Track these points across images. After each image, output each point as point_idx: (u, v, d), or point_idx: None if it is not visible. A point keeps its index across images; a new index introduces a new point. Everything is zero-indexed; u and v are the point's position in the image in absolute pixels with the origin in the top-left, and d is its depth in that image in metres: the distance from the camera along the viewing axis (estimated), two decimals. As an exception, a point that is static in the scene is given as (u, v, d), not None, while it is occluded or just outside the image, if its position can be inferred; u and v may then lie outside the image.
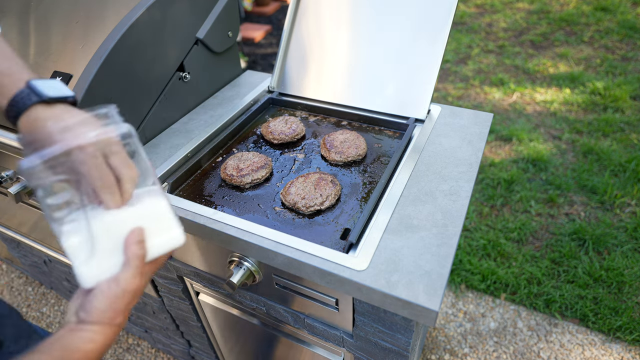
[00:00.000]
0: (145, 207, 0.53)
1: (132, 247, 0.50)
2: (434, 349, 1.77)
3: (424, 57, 1.12)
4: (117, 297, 0.49)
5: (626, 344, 1.71)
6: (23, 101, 0.53)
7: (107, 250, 0.50)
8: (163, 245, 0.54)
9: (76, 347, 0.47)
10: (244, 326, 1.14)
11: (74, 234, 0.49)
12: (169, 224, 0.55)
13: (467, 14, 4.87)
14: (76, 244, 0.49)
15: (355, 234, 0.78)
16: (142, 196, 0.53)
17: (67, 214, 0.50)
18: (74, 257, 0.49)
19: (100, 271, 0.50)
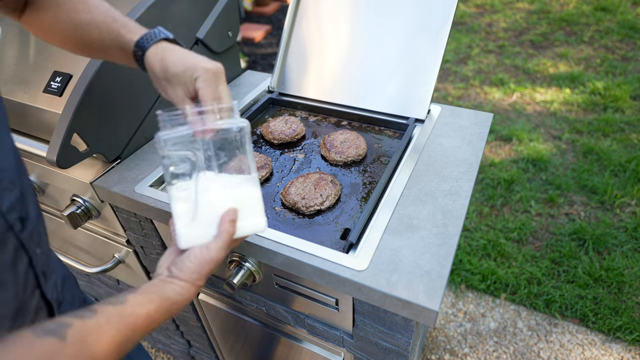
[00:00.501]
0: (243, 192, 0.61)
1: (226, 224, 0.58)
2: (434, 349, 1.77)
3: (424, 57, 1.12)
4: (205, 262, 0.57)
5: (626, 344, 1.71)
6: (153, 35, 0.68)
7: (205, 221, 0.59)
8: (249, 228, 0.62)
9: (168, 296, 0.54)
10: (244, 326, 1.14)
11: (183, 201, 0.58)
12: (258, 211, 0.63)
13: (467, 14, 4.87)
14: (183, 209, 0.58)
15: (355, 234, 0.78)
16: (242, 183, 0.62)
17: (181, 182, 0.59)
18: (178, 220, 0.58)
19: (197, 236, 0.58)
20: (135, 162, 1.05)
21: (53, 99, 0.96)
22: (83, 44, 0.72)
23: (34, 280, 0.53)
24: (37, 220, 0.53)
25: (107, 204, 1.06)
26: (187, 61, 0.65)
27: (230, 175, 0.62)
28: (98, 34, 0.70)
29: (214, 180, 0.60)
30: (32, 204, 0.52)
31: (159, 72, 0.67)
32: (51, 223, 1.29)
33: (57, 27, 0.71)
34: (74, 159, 0.93)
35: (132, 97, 1.04)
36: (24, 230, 0.49)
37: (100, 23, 0.69)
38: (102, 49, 0.72)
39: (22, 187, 0.49)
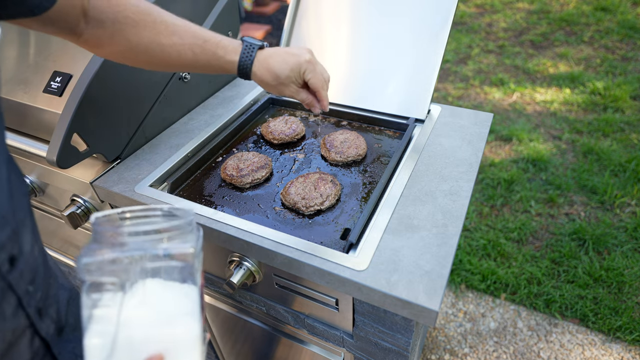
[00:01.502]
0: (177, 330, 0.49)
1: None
2: (434, 349, 1.77)
3: (424, 57, 1.12)
4: None
5: (626, 344, 1.71)
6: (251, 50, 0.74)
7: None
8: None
9: None
10: (244, 326, 1.14)
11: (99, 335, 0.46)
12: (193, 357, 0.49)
13: (467, 14, 4.87)
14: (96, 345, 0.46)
15: (355, 234, 0.78)
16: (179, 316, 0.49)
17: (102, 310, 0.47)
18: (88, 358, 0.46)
19: None
20: (135, 162, 1.05)
21: (53, 99, 0.96)
22: (167, 64, 0.74)
23: (26, 320, 0.49)
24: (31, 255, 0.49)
25: (107, 204, 1.06)
26: (289, 61, 0.75)
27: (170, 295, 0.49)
28: (192, 55, 0.73)
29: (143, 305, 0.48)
30: (27, 238, 0.48)
31: (272, 80, 0.76)
32: (51, 223, 1.29)
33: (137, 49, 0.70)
34: (74, 159, 0.93)
35: (132, 97, 1.04)
36: (13, 271, 0.45)
37: (192, 45, 0.72)
38: (194, 67, 0.75)
39: (16, 223, 0.46)
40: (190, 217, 0.51)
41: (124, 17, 0.68)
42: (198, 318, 0.50)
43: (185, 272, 0.50)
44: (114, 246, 0.47)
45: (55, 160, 0.88)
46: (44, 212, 1.27)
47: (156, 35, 0.70)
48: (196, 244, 0.49)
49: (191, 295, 0.50)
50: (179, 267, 0.49)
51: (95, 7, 0.66)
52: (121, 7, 0.68)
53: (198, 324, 0.49)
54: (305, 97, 0.80)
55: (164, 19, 0.71)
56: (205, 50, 0.73)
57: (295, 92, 0.79)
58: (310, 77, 0.77)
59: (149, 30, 0.70)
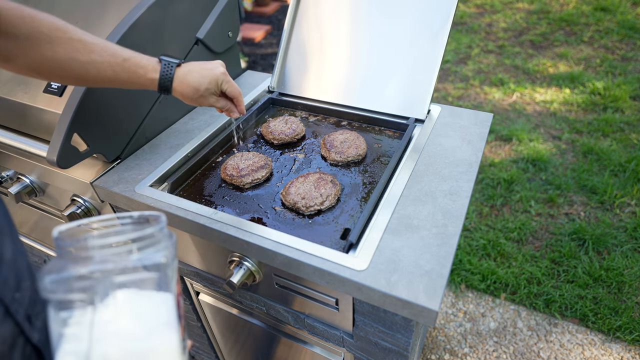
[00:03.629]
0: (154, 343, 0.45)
1: None
2: (434, 348, 1.77)
3: (424, 57, 1.12)
4: None
5: (626, 344, 1.71)
6: (170, 68, 0.81)
7: None
8: None
9: None
10: (244, 326, 1.14)
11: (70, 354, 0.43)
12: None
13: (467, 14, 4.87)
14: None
15: (355, 234, 0.78)
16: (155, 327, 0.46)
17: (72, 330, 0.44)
18: None
19: None
20: (136, 162, 1.05)
21: (53, 99, 0.96)
22: (85, 80, 0.76)
23: (15, 327, 0.47)
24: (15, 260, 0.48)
25: (107, 204, 1.06)
26: (207, 75, 0.84)
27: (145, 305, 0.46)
28: (112, 73, 0.76)
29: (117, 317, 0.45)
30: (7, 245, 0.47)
31: (192, 94, 0.84)
32: (51, 223, 1.29)
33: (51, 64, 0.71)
34: (74, 159, 0.93)
35: (132, 97, 1.04)
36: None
37: (111, 63, 0.75)
38: (113, 83, 0.78)
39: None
40: (162, 224, 0.48)
41: (39, 33, 0.68)
42: (176, 328, 0.47)
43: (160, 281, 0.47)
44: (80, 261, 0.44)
45: (56, 160, 0.88)
46: (44, 212, 1.27)
47: (73, 52, 0.72)
48: (168, 253, 0.46)
49: (167, 303, 0.47)
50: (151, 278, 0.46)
51: (8, 22, 0.66)
52: (36, 23, 0.68)
53: (176, 334, 0.46)
54: (225, 103, 0.90)
55: (81, 37, 0.73)
56: (125, 69, 0.77)
57: (215, 101, 0.88)
58: (227, 87, 0.88)
59: (65, 46, 0.71)
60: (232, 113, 0.92)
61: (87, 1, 1.05)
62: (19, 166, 1.14)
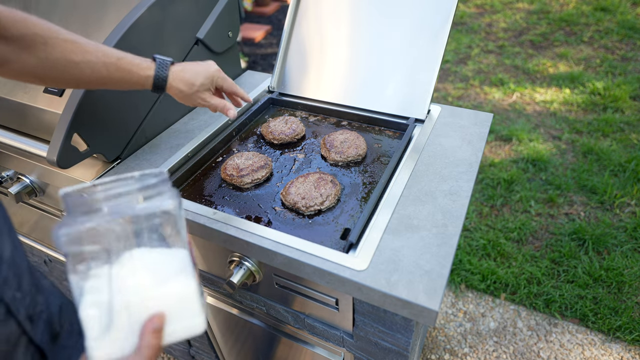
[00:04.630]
0: (173, 287, 0.49)
1: (148, 335, 0.46)
2: (434, 348, 1.77)
3: (424, 58, 1.12)
4: None
5: (626, 344, 1.71)
6: (164, 66, 0.81)
7: (123, 330, 0.46)
8: (181, 332, 0.50)
9: None
10: (244, 326, 1.14)
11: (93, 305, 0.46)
12: (193, 310, 0.50)
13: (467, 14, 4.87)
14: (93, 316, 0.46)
15: (355, 234, 0.79)
16: (174, 273, 0.49)
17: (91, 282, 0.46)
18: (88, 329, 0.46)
19: (112, 350, 0.46)
20: (136, 162, 1.05)
21: (53, 99, 0.96)
22: (79, 80, 0.75)
23: (17, 327, 0.47)
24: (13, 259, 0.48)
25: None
26: (201, 72, 0.85)
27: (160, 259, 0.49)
28: (106, 72, 0.76)
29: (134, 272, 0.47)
30: (5, 244, 0.47)
31: (187, 89, 0.84)
32: (51, 223, 1.29)
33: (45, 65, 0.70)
34: (74, 159, 0.93)
35: (132, 97, 1.04)
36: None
37: (105, 63, 0.75)
38: (106, 84, 0.78)
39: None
40: (164, 176, 0.50)
41: (33, 35, 0.68)
42: (192, 274, 0.49)
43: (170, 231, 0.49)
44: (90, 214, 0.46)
45: (56, 160, 0.88)
46: (44, 212, 1.27)
47: (67, 53, 0.71)
48: (174, 202, 0.48)
49: (180, 255, 0.50)
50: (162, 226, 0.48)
51: (1, 25, 0.65)
52: (29, 25, 0.67)
53: (193, 280, 0.49)
54: (219, 101, 0.89)
55: (74, 38, 0.73)
56: (120, 68, 0.77)
57: (209, 97, 0.88)
58: (223, 82, 0.90)
59: (59, 48, 0.71)
60: (229, 111, 0.89)
61: (87, 2, 1.05)
62: (19, 166, 1.14)
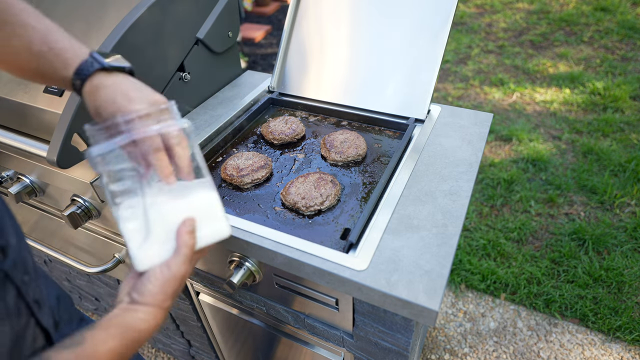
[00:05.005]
0: (198, 199, 0.56)
1: (184, 236, 0.53)
2: (434, 348, 1.77)
3: (424, 57, 1.12)
4: (167, 281, 0.52)
5: (626, 344, 1.71)
6: (87, 68, 0.59)
7: (160, 237, 0.54)
8: (211, 236, 0.58)
9: (131, 325, 0.50)
10: (244, 326, 1.14)
11: (131, 220, 0.53)
12: (218, 216, 0.58)
13: (467, 14, 4.87)
14: (133, 229, 0.53)
15: (355, 234, 0.79)
16: (195, 188, 0.57)
17: (127, 199, 0.53)
18: (130, 241, 0.53)
19: (153, 256, 0.54)
20: (136, 162, 1.05)
21: (53, 99, 0.96)
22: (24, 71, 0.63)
23: (27, 309, 0.50)
24: (19, 247, 0.51)
25: (107, 204, 1.06)
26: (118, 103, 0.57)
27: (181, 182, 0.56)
28: (35, 64, 0.60)
29: (163, 190, 0.55)
30: (11, 232, 0.49)
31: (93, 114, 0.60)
32: (51, 223, 1.29)
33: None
34: (74, 159, 0.93)
35: (132, 97, 1.04)
36: (6, 260, 0.46)
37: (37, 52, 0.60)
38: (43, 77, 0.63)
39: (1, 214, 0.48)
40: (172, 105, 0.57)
41: None
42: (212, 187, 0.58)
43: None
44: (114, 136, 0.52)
45: (56, 160, 0.88)
46: (44, 212, 1.27)
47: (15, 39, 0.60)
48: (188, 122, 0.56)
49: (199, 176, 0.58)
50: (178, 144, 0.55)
51: None
52: None
53: (214, 191, 0.58)
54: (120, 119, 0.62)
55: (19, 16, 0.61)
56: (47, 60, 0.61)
57: None
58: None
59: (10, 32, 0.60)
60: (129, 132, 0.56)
61: (87, 2, 1.05)
62: (19, 166, 1.14)
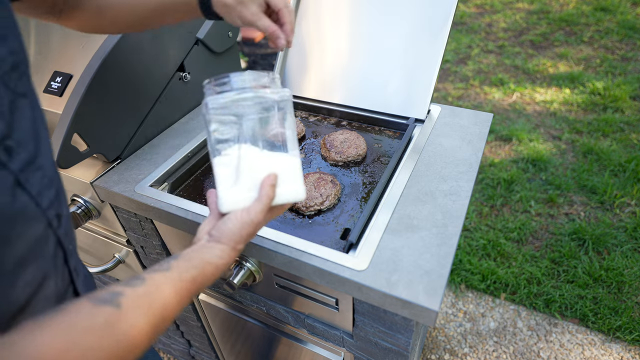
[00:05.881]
0: (284, 160, 0.63)
1: (267, 187, 0.59)
2: (434, 348, 1.77)
3: (424, 57, 1.12)
4: (245, 224, 0.58)
5: (626, 344, 1.71)
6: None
7: (247, 185, 0.60)
8: (288, 194, 0.63)
9: (209, 259, 0.55)
10: (244, 326, 1.14)
11: (225, 166, 0.60)
12: (297, 179, 0.64)
13: (467, 14, 4.87)
14: (225, 173, 0.60)
15: (355, 234, 0.79)
16: (283, 151, 0.63)
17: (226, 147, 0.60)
18: (220, 183, 0.60)
19: (237, 200, 0.60)
20: (136, 162, 1.05)
21: (53, 99, 0.96)
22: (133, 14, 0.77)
23: (69, 275, 0.54)
24: (69, 217, 0.55)
25: (107, 204, 1.06)
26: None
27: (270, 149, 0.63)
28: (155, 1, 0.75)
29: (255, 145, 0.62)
30: (64, 203, 0.53)
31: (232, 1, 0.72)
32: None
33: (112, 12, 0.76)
34: (74, 159, 0.93)
35: (132, 97, 1.04)
36: (60, 227, 0.50)
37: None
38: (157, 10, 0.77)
39: (58, 185, 0.51)
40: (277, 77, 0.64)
41: None
42: (298, 155, 0.65)
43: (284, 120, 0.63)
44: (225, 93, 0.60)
45: (56, 160, 0.88)
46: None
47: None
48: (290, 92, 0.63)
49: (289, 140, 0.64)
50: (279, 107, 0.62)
51: None
52: None
53: (298, 159, 0.65)
54: (268, 24, 0.73)
55: None
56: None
57: (256, 14, 0.72)
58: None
59: None
60: (277, 39, 0.74)
61: (87, 1, 1.05)
62: (19, 166, 1.14)
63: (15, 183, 0.41)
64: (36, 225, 0.44)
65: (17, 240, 0.41)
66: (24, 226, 0.42)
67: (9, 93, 0.42)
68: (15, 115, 0.42)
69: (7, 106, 0.41)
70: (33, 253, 0.44)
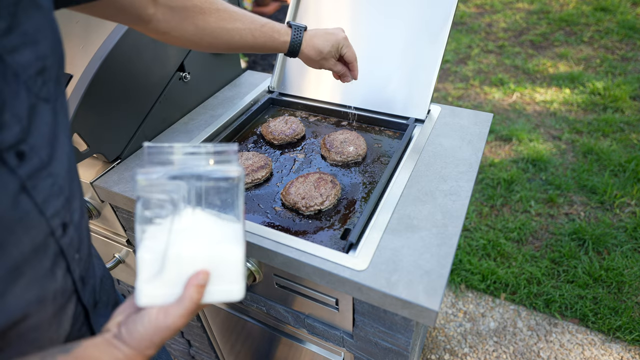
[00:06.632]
0: (222, 251, 0.53)
1: (192, 288, 0.50)
2: (434, 348, 1.77)
3: (424, 57, 1.12)
4: (159, 329, 0.49)
5: (626, 344, 1.71)
6: (298, 32, 0.89)
7: (170, 279, 0.51)
8: (220, 294, 0.53)
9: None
10: (244, 326, 1.14)
11: (150, 251, 0.50)
12: (235, 277, 0.54)
13: (467, 14, 4.87)
14: (148, 260, 0.50)
15: (355, 234, 0.79)
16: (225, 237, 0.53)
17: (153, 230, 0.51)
18: (141, 272, 0.50)
19: (157, 295, 0.51)
20: (136, 162, 1.05)
21: (53, 99, 0.96)
22: (229, 46, 0.85)
23: (72, 285, 0.52)
24: (80, 225, 0.53)
25: (107, 204, 1.06)
26: (330, 39, 0.91)
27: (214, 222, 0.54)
28: (252, 38, 0.85)
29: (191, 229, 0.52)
30: (76, 210, 0.51)
31: (316, 56, 0.92)
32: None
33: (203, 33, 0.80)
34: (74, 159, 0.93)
35: (132, 98, 1.04)
36: (65, 236, 0.48)
37: (252, 29, 0.84)
38: (252, 48, 0.87)
39: (70, 192, 0.49)
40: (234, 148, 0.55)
41: (192, 5, 0.77)
42: (242, 244, 0.54)
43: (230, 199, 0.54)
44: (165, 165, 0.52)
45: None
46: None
47: (221, 21, 0.81)
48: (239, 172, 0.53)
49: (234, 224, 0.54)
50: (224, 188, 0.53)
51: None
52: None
53: (241, 249, 0.54)
54: (341, 68, 0.97)
55: (226, 6, 0.82)
56: (264, 33, 0.86)
57: (333, 64, 0.95)
58: (346, 51, 0.94)
59: (214, 16, 0.80)
60: (346, 78, 0.99)
61: (87, 1, 1.05)
62: (19, 166, 1.14)
63: (20, 189, 0.40)
64: (35, 233, 0.43)
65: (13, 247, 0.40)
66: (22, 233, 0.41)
67: (31, 97, 0.41)
68: (33, 120, 0.41)
69: (26, 111, 0.40)
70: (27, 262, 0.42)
